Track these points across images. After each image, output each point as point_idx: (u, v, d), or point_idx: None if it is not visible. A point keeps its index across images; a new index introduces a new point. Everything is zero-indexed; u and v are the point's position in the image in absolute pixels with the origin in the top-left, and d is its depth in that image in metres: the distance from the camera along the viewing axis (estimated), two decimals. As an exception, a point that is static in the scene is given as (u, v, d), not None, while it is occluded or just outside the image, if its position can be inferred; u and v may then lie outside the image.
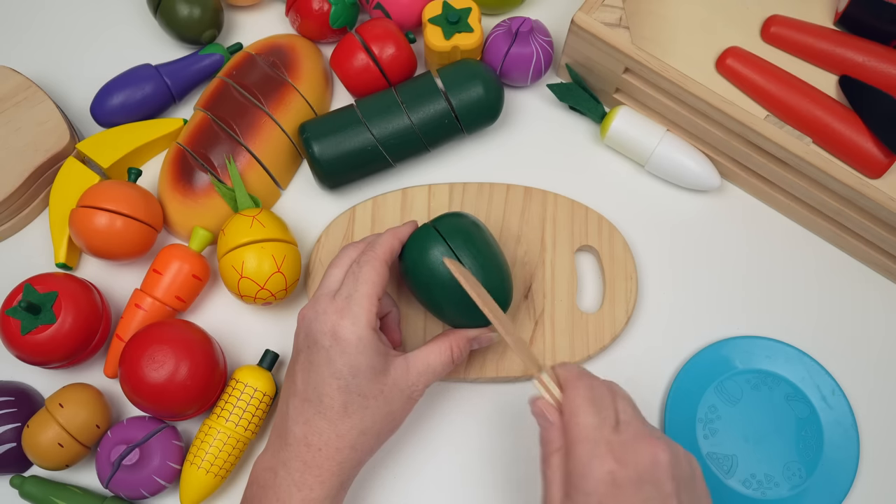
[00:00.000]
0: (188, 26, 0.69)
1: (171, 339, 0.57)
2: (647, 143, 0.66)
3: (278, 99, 0.66)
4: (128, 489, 0.57)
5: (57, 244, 0.65)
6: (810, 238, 0.68)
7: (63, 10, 0.75)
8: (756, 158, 0.64)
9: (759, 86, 0.68)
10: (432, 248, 0.56)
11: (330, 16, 0.69)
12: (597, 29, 0.63)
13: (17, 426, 0.59)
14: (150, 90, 0.68)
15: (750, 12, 0.72)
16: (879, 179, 0.67)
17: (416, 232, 0.57)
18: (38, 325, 0.58)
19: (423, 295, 0.57)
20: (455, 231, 0.56)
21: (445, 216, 0.58)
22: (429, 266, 0.55)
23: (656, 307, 0.66)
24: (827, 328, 0.66)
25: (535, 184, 0.68)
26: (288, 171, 0.69)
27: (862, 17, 0.69)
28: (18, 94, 0.66)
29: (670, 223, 0.68)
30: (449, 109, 0.65)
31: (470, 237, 0.56)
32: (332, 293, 0.53)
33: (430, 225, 0.57)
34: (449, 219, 0.57)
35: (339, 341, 0.50)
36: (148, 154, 0.69)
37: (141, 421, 0.59)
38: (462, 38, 0.66)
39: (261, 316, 0.66)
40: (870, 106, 0.66)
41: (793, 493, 0.61)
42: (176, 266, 0.62)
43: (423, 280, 0.56)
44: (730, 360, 0.64)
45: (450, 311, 0.57)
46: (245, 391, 0.59)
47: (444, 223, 0.57)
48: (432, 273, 0.55)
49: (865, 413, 0.63)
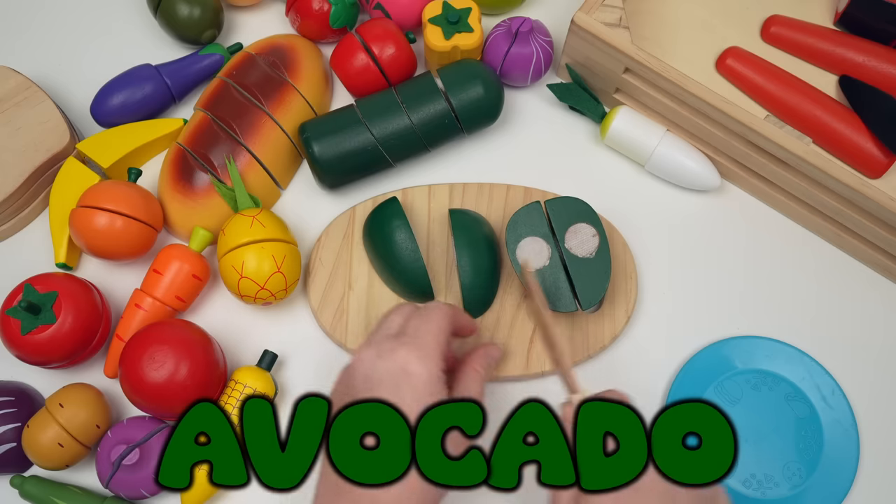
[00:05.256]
0: (188, 26, 0.69)
1: (171, 339, 0.57)
2: (647, 142, 0.66)
3: (278, 99, 0.66)
4: (128, 489, 0.57)
5: (57, 244, 0.65)
6: (810, 238, 0.68)
7: (63, 10, 0.75)
8: (756, 158, 0.64)
9: (759, 86, 0.68)
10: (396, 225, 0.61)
11: (330, 16, 0.69)
12: (597, 29, 0.63)
13: (17, 426, 0.59)
14: (150, 90, 0.68)
15: (750, 12, 0.72)
16: (879, 179, 0.67)
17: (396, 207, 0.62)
18: (38, 325, 0.58)
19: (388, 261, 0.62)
20: (462, 226, 0.60)
21: (459, 211, 0.62)
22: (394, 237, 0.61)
23: (656, 307, 0.66)
24: (827, 328, 0.66)
25: (535, 184, 0.68)
26: (288, 171, 0.69)
27: (862, 17, 0.69)
28: (18, 94, 0.66)
29: (670, 223, 0.68)
30: (449, 109, 0.65)
31: (473, 237, 0.59)
32: (393, 334, 0.51)
33: None
34: (460, 214, 0.62)
35: (410, 377, 0.48)
36: (148, 154, 0.69)
37: (141, 421, 0.59)
38: (462, 38, 0.66)
39: (261, 316, 0.66)
40: (870, 106, 0.66)
41: (793, 493, 0.61)
42: (176, 266, 0.62)
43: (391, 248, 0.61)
44: (730, 360, 0.64)
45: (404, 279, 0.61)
46: (245, 392, 0.59)
47: (458, 216, 0.62)
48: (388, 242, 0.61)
49: (865, 413, 0.63)
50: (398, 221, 0.61)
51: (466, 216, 0.62)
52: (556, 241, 0.60)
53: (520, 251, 0.60)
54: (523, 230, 0.61)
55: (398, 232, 0.61)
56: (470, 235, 0.61)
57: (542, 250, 0.61)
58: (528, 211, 0.61)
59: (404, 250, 0.61)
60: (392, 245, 0.61)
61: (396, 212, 0.61)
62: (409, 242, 0.61)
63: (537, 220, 0.61)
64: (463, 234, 0.61)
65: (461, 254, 0.60)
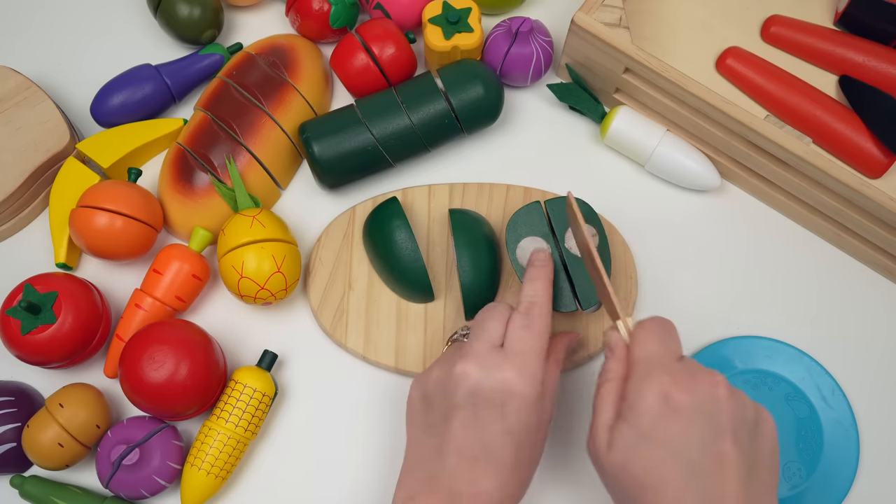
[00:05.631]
0: (188, 26, 0.69)
1: (171, 339, 0.57)
2: (647, 142, 0.66)
3: (278, 99, 0.66)
4: (128, 489, 0.57)
5: (57, 244, 0.65)
6: (810, 238, 0.68)
7: (63, 10, 0.75)
8: (756, 158, 0.64)
9: (759, 86, 0.68)
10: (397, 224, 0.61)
11: (330, 16, 0.69)
12: (597, 29, 0.63)
13: (17, 426, 0.59)
14: (150, 90, 0.68)
15: (750, 12, 0.72)
16: (879, 179, 0.67)
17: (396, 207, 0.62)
18: (38, 325, 0.58)
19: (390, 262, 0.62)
20: (462, 226, 0.61)
21: (459, 211, 0.63)
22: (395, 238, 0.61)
23: (656, 307, 0.66)
24: (827, 328, 0.66)
25: (535, 184, 0.68)
26: (288, 171, 0.69)
27: (862, 17, 0.69)
28: (18, 94, 0.66)
29: (670, 223, 0.68)
30: (449, 109, 0.65)
31: (473, 237, 0.60)
32: (494, 345, 0.51)
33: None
34: (460, 214, 0.62)
35: (515, 398, 0.49)
36: (148, 154, 0.69)
37: (141, 421, 0.59)
38: (462, 38, 0.66)
39: (261, 316, 0.66)
40: (870, 106, 0.66)
41: (793, 493, 0.61)
42: (176, 266, 0.62)
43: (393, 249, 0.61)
44: (730, 360, 0.64)
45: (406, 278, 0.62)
46: (244, 392, 0.59)
47: (458, 216, 0.62)
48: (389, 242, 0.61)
49: (865, 413, 0.63)
50: (398, 221, 0.61)
51: (466, 216, 0.62)
52: (556, 240, 0.60)
53: (520, 251, 0.60)
54: (523, 230, 0.61)
55: (398, 232, 0.61)
56: (470, 235, 0.61)
57: None
58: (528, 211, 0.61)
59: (404, 250, 0.61)
60: (392, 245, 0.61)
61: (396, 212, 0.61)
62: (409, 242, 0.61)
63: (537, 219, 0.61)
64: (463, 234, 0.61)
65: (461, 254, 0.60)
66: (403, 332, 0.63)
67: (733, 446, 0.45)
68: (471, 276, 0.60)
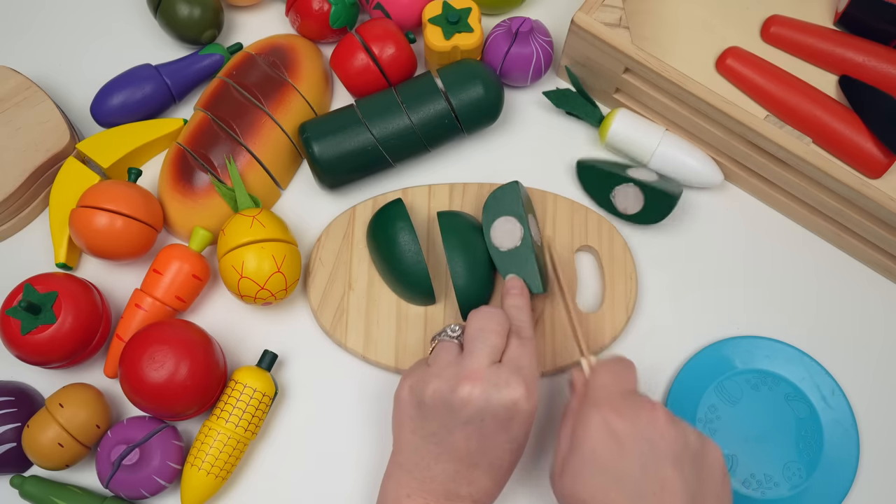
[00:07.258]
0: (188, 26, 0.69)
1: (171, 339, 0.57)
2: (647, 143, 0.66)
3: (278, 99, 0.66)
4: (128, 489, 0.57)
5: (57, 244, 0.65)
6: (810, 238, 0.68)
7: (63, 11, 0.75)
8: (756, 158, 0.64)
9: (759, 86, 0.68)
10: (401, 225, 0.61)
11: (330, 16, 0.69)
12: (597, 29, 0.63)
13: (17, 426, 0.59)
14: (150, 90, 0.68)
15: (750, 12, 0.72)
16: (879, 179, 0.67)
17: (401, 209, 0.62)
18: (38, 325, 0.58)
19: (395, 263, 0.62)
20: (452, 228, 0.61)
21: (448, 213, 0.62)
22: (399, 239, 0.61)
23: (656, 307, 0.66)
24: (827, 328, 0.66)
25: (535, 184, 0.68)
26: (288, 171, 0.69)
27: (862, 17, 0.69)
28: (18, 94, 0.66)
29: (670, 223, 0.68)
30: (449, 109, 0.65)
31: (464, 238, 0.60)
32: (494, 360, 0.52)
33: None
34: (450, 216, 0.62)
35: (521, 413, 0.51)
36: (148, 154, 0.69)
37: (141, 421, 0.59)
38: (462, 38, 0.66)
39: (261, 316, 0.66)
40: (870, 106, 0.66)
41: (793, 493, 0.61)
42: (176, 266, 0.62)
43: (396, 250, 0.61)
44: (730, 360, 0.64)
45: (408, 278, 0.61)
46: (244, 392, 0.59)
47: (446, 219, 0.62)
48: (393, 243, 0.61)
49: (865, 413, 0.63)
50: (402, 223, 0.61)
51: (457, 218, 0.62)
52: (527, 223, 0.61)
53: (493, 230, 0.61)
54: (499, 209, 0.62)
55: (402, 234, 0.61)
56: (461, 237, 0.61)
57: (514, 230, 0.61)
58: (505, 191, 0.62)
59: (407, 252, 0.61)
60: (395, 246, 0.61)
61: (400, 213, 0.61)
62: (412, 245, 0.61)
63: (513, 200, 0.61)
64: (453, 236, 0.61)
65: (452, 257, 0.60)
66: (403, 332, 0.63)
67: (674, 472, 0.47)
68: (464, 279, 0.60)
